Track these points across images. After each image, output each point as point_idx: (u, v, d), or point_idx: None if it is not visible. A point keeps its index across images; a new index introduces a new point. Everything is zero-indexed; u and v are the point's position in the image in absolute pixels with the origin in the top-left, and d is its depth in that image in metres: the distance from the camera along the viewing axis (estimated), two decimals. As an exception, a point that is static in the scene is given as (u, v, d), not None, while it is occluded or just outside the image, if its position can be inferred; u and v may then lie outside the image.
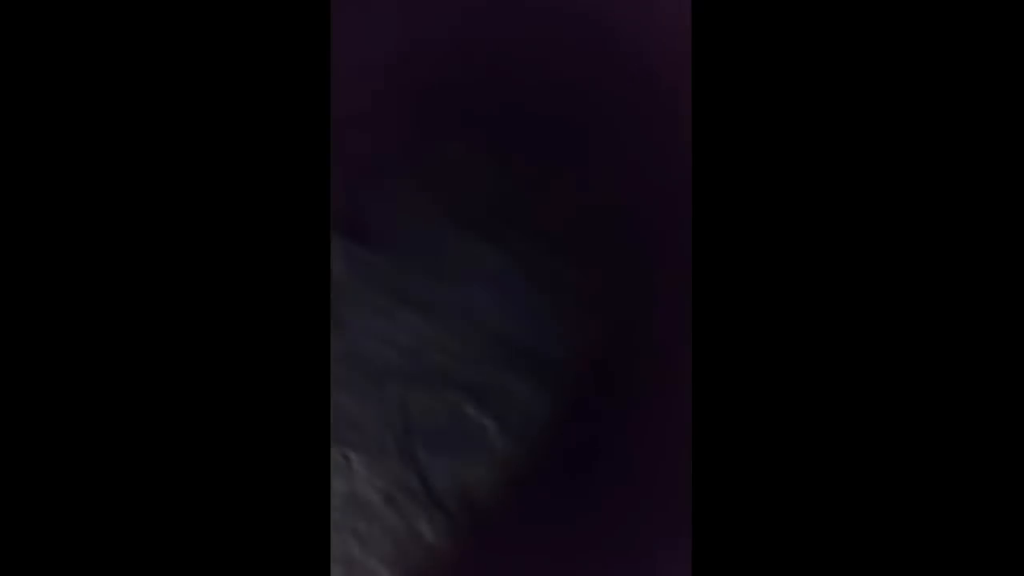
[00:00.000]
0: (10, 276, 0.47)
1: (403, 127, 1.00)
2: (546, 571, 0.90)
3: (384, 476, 0.93)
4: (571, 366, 0.99)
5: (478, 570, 0.90)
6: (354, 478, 0.93)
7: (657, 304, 0.93)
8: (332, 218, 1.03)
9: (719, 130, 0.48)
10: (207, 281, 0.49)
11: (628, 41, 0.87)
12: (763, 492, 0.48)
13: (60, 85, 0.48)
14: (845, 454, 0.47)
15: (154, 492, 0.48)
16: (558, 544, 0.91)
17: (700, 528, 0.47)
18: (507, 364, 1.00)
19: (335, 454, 0.94)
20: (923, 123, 0.47)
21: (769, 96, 0.48)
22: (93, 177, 0.48)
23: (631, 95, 0.89)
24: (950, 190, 0.47)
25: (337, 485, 0.92)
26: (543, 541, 0.92)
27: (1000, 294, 0.46)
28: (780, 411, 0.48)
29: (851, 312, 0.47)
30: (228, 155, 0.50)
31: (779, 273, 0.48)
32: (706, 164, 0.48)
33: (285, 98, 0.50)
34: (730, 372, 0.48)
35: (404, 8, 0.90)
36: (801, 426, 0.48)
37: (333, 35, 0.52)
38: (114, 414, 0.48)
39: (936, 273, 0.47)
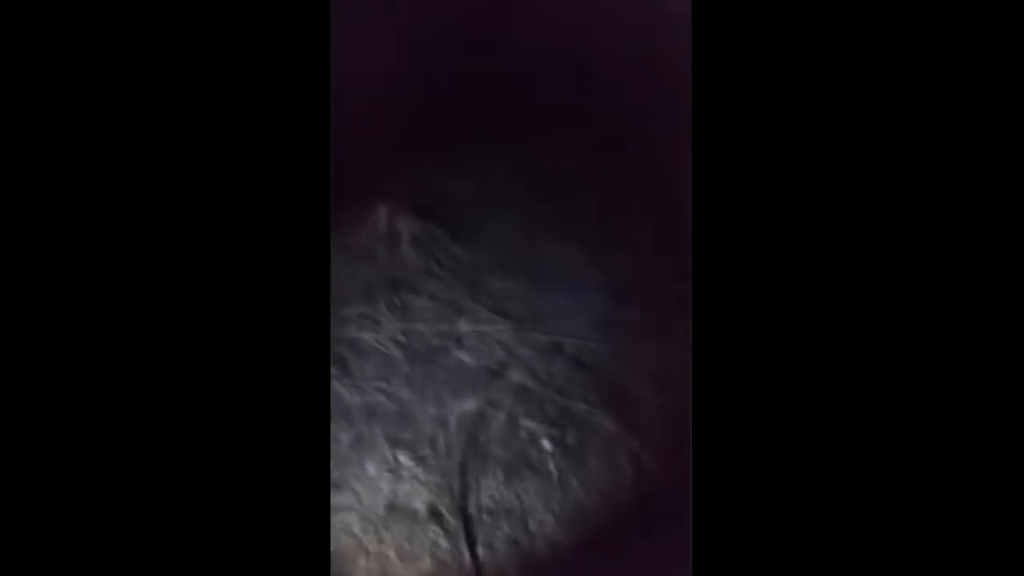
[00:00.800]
0: (8, 277, 0.46)
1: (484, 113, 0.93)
2: None
3: (431, 486, 0.87)
4: (641, 400, 0.89)
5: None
6: (400, 483, 0.87)
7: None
8: (403, 196, 0.97)
9: (719, 132, 0.48)
10: (200, 276, 0.47)
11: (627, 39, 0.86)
12: (763, 493, 0.47)
13: (53, 91, 0.46)
14: (847, 456, 0.47)
15: (148, 496, 0.46)
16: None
17: (700, 528, 0.48)
18: (578, 387, 0.91)
19: (385, 453, 0.89)
20: (925, 121, 0.47)
21: (770, 97, 0.48)
22: (87, 179, 0.47)
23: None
24: (951, 190, 0.47)
25: (382, 487, 0.87)
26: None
27: (1000, 294, 0.46)
28: (781, 413, 0.47)
29: (853, 314, 0.47)
30: (225, 145, 0.47)
31: (781, 276, 0.48)
32: (706, 169, 0.48)
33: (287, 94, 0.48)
34: (730, 371, 0.48)
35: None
36: (802, 427, 0.47)
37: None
38: (109, 411, 0.46)
39: (938, 274, 0.47)
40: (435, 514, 0.85)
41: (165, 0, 0.47)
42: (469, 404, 0.90)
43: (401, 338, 0.94)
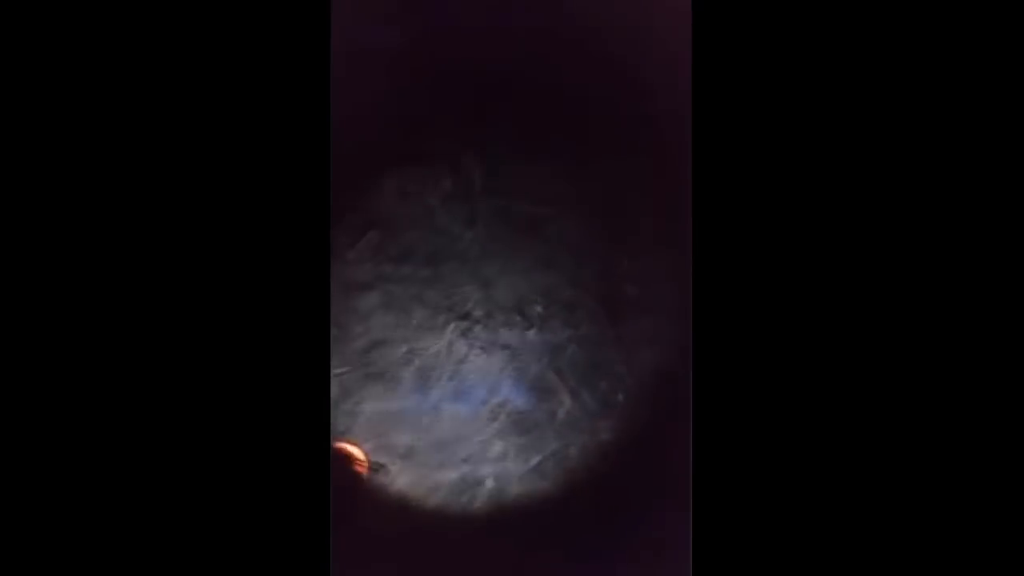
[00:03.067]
0: (8, 277, 0.46)
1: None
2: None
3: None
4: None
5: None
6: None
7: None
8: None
9: (719, 135, 0.49)
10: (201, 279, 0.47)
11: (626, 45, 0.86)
12: (763, 496, 0.48)
13: (51, 90, 0.47)
14: (848, 459, 0.47)
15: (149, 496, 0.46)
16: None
17: (700, 528, 0.48)
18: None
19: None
20: (925, 123, 0.47)
21: (770, 100, 0.48)
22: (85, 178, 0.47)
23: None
24: (951, 191, 0.47)
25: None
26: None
27: (1000, 295, 0.46)
28: (781, 416, 0.48)
29: (854, 318, 0.47)
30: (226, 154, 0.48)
31: (781, 278, 0.48)
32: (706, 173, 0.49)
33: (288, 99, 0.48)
34: (731, 374, 0.48)
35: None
36: (803, 430, 0.48)
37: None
38: (110, 414, 0.46)
39: (939, 276, 0.47)
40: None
41: (164, 3, 0.47)
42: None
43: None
